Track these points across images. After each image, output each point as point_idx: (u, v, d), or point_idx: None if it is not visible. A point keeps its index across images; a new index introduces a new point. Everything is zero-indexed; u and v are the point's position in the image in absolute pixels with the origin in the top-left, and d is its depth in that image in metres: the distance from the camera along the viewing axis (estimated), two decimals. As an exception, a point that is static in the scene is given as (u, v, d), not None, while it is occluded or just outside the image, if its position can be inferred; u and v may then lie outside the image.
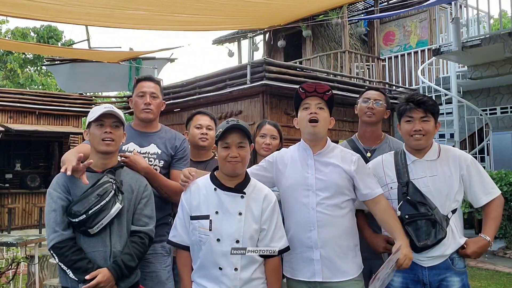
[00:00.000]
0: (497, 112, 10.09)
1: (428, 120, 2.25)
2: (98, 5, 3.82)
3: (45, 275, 4.70)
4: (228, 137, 2.05)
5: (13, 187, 11.03)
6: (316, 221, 2.14)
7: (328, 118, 2.24)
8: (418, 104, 2.24)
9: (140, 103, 2.65)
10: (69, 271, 2.06)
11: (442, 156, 2.29)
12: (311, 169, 2.20)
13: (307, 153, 2.24)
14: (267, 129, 2.91)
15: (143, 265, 2.26)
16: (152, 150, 2.63)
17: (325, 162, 2.21)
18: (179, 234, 2.11)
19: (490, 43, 7.36)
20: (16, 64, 19.73)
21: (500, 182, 6.75)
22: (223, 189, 2.07)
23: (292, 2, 4.33)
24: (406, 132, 2.29)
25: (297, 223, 2.19)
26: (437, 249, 2.18)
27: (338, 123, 7.91)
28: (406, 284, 2.24)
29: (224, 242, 2.00)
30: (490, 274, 5.91)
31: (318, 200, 2.15)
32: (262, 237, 2.07)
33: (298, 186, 2.19)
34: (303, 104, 2.23)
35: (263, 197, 2.10)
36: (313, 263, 2.13)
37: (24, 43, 13.94)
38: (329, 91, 2.21)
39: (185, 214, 2.09)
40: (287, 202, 2.26)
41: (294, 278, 2.20)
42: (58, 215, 2.10)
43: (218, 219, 2.02)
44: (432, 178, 2.23)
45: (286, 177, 2.25)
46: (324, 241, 2.13)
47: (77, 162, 2.09)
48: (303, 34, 11.62)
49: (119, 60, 7.34)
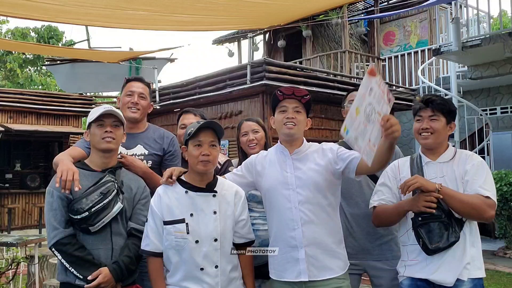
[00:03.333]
0: (497, 112, 10.08)
1: (437, 119, 2.25)
2: (98, 5, 3.82)
3: (45, 275, 4.70)
4: (201, 135, 2.07)
5: (13, 187, 11.03)
6: (299, 219, 2.14)
7: (305, 120, 2.26)
8: (427, 103, 2.27)
9: (127, 102, 2.65)
10: (72, 268, 2.06)
11: (455, 158, 2.28)
12: (289, 168, 2.22)
13: (284, 154, 2.26)
14: (246, 126, 2.85)
15: (142, 265, 2.26)
16: (139, 151, 2.61)
17: (303, 160, 2.23)
18: (152, 242, 2.07)
19: (490, 43, 7.36)
20: (16, 64, 19.71)
21: (500, 182, 6.75)
22: (194, 190, 2.08)
23: (292, 2, 4.33)
24: (416, 131, 2.32)
25: (280, 222, 2.20)
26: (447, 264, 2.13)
27: (338, 123, 7.90)
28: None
29: (203, 243, 2.01)
30: (490, 274, 5.90)
31: (300, 198, 2.16)
32: (242, 225, 2.14)
33: (279, 186, 2.20)
34: (280, 107, 2.25)
35: (234, 193, 2.16)
36: (298, 263, 2.13)
37: (24, 43, 13.95)
38: (307, 95, 2.24)
39: (157, 220, 2.07)
40: (269, 203, 2.26)
41: (280, 279, 2.19)
42: (58, 213, 2.11)
43: (194, 221, 2.03)
44: (442, 179, 2.22)
45: (266, 178, 2.27)
46: (309, 239, 2.13)
47: (70, 180, 2.08)
48: (303, 34, 11.62)
49: (119, 60, 7.33)
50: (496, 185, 6.73)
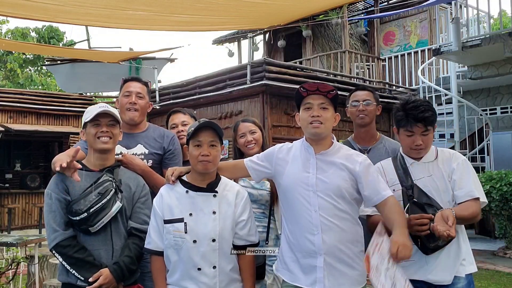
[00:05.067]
0: (497, 112, 10.09)
1: (428, 133, 2.24)
2: (98, 5, 3.82)
3: (45, 275, 4.69)
4: (200, 135, 2.06)
5: (13, 187, 11.04)
6: (319, 224, 2.01)
7: (332, 117, 2.12)
8: (419, 120, 2.19)
9: (125, 103, 2.63)
10: (73, 270, 2.07)
11: (439, 157, 2.29)
12: (312, 168, 2.08)
13: (309, 152, 2.13)
14: (244, 127, 2.82)
15: (143, 265, 2.26)
16: (139, 151, 2.60)
17: (329, 162, 2.08)
18: (154, 241, 2.09)
19: (490, 43, 7.36)
20: (16, 64, 19.72)
21: (500, 182, 6.75)
22: (195, 190, 2.08)
23: (292, 2, 4.33)
24: (407, 145, 2.27)
25: (298, 225, 2.07)
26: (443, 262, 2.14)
27: (338, 123, 7.87)
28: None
29: (200, 242, 2.01)
30: (490, 274, 5.91)
31: (321, 202, 2.02)
32: (242, 226, 2.10)
33: (298, 186, 2.08)
34: (304, 103, 2.11)
35: (235, 193, 2.13)
36: (315, 270, 2.00)
37: (24, 43, 13.95)
38: (333, 91, 2.10)
39: (158, 219, 2.09)
40: (286, 203, 2.15)
41: (293, 283, 2.09)
42: (57, 215, 2.10)
43: (193, 221, 2.03)
44: (429, 178, 2.24)
45: (286, 175, 2.14)
46: (329, 247, 2.00)
47: (70, 160, 2.09)
48: (303, 34, 11.61)
49: (119, 60, 7.33)
50: (496, 185, 6.73)
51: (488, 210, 6.91)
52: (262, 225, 2.66)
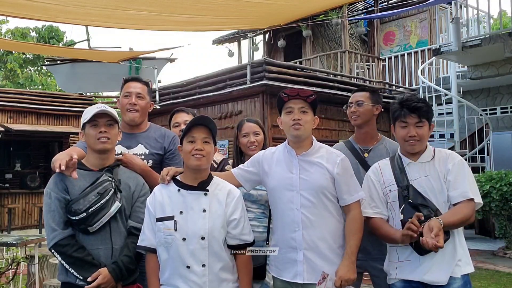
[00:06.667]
0: (497, 112, 10.09)
1: (423, 125, 2.26)
2: (98, 5, 3.82)
3: (45, 275, 4.69)
4: (194, 131, 2.09)
5: (13, 187, 11.04)
6: (300, 221, 2.16)
7: (312, 120, 2.26)
8: (413, 110, 2.24)
9: (125, 103, 2.63)
10: (72, 269, 2.07)
11: (435, 157, 2.30)
12: (295, 169, 2.22)
13: (291, 154, 2.26)
14: (248, 127, 2.82)
15: (142, 265, 2.26)
16: (139, 151, 2.60)
17: (310, 162, 2.22)
18: (148, 238, 2.10)
19: (490, 43, 7.36)
20: (16, 64, 19.72)
21: (500, 182, 6.75)
22: (186, 188, 2.10)
23: (292, 2, 4.33)
24: (401, 138, 2.30)
25: (282, 223, 2.23)
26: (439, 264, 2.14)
27: (338, 123, 7.91)
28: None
29: (190, 240, 2.01)
30: (490, 274, 5.91)
31: (303, 201, 2.17)
32: (234, 225, 2.11)
33: (283, 187, 2.22)
34: (286, 108, 2.25)
35: (227, 192, 2.14)
36: (296, 264, 2.16)
37: (24, 43, 13.94)
38: (312, 95, 2.23)
39: (151, 217, 2.10)
40: (273, 202, 2.30)
41: (279, 277, 2.25)
42: (56, 214, 2.11)
43: (183, 219, 2.04)
44: (425, 178, 2.24)
45: (271, 177, 2.28)
46: (308, 243, 2.15)
47: (69, 159, 2.09)
48: (303, 34, 11.62)
49: (119, 60, 7.33)
50: (496, 185, 6.73)
51: (488, 210, 6.91)
52: (263, 225, 2.66)
